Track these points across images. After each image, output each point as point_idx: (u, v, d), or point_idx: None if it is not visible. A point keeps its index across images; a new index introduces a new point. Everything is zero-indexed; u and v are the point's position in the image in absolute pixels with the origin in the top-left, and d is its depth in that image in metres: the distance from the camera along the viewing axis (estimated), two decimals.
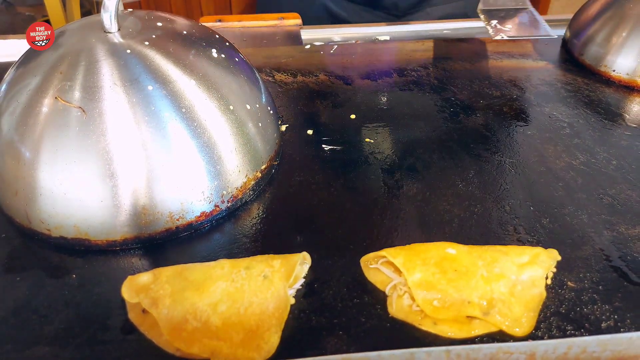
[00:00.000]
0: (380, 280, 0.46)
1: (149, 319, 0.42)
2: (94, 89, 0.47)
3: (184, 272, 0.44)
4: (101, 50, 0.49)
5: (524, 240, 0.50)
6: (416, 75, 0.79)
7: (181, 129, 0.49)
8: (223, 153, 0.51)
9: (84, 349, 0.41)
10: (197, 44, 0.54)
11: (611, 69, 0.77)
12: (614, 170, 0.59)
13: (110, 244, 0.49)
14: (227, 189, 0.52)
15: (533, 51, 0.87)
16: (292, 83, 0.78)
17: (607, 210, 0.54)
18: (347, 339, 0.42)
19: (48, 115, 0.47)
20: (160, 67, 0.49)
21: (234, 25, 0.96)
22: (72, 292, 0.46)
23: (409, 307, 0.43)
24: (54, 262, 0.49)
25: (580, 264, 0.48)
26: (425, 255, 0.45)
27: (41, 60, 0.50)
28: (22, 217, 0.50)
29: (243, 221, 0.53)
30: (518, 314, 0.43)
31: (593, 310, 0.44)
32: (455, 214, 0.53)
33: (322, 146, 0.64)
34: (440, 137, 0.65)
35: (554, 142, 0.64)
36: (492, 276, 0.44)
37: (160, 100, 0.48)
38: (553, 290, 0.45)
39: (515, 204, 0.55)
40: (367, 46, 0.90)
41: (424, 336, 0.42)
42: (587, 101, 0.72)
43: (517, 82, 0.77)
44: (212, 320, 0.41)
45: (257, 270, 0.44)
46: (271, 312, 0.42)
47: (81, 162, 0.47)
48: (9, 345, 0.42)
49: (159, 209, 0.49)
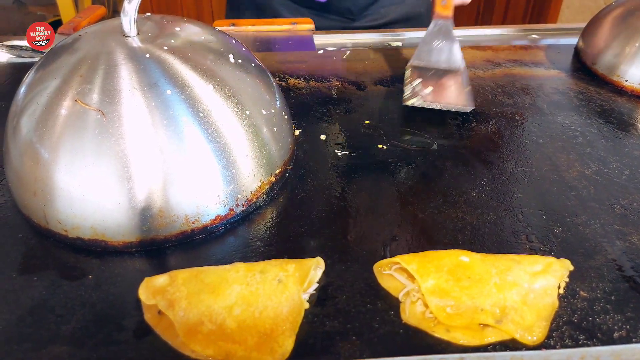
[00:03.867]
0: (393, 286, 0.46)
1: (165, 320, 0.43)
2: (113, 93, 0.48)
3: (200, 274, 0.45)
4: (120, 54, 0.50)
5: (537, 249, 0.51)
6: None
7: (198, 133, 0.49)
8: (238, 157, 0.52)
9: (100, 348, 0.42)
10: (215, 49, 0.55)
11: (624, 78, 0.77)
12: (626, 180, 0.59)
13: (126, 245, 0.50)
14: (242, 193, 0.53)
15: (545, 59, 0.87)
16: (305, 88, 0.78)
17: (619, 220, 0.54)
18: (360, 345, 0.42)
19: (67, 118, 0.48)
20: (179, 71, 0.50)
21: (248, 30, 0.97)
22: (88, 292, 0.46)
23: (422, 314, 0.44)
24: (71, 262, 0.49)
25: (593, 274, 0.48)
26: (438, 262, 0.46)
27: (61, 62, 0.51)
28: (40, 218, 0.51)
29: (257, 225, 0.53)
30: (530, 322, 0.43)
31: (605, 320, 0.44)
32: (468, 221, 0.54)
33: (335, 151, 0.64)
34: (453, 145, 0.66)
35: (567, 151, 0.64)
36: (505, 284, 0.44)
37: (178, 104, 0.49)
38: (565, 300, 0.45)
39: (528, 212, 0.55)
40: (379, 52, 0.90)
41: (437, 343, 0.42)
42: (599, 110, 0.73)
43: (529, 90, 0.77)
44: (227, 323, 0.41)
45: (272, 274, 0.45)
46: (285, 316, 0.42)
47: (99, 164, 0.47)
48: (27, 343, 0.42)
49: (175, 212, 0.49)
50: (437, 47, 0.76)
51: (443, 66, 0.75)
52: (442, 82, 0.72)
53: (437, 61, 0.75)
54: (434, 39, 0.77)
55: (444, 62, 0.75)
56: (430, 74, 0.73)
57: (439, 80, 0.73)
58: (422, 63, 0.75)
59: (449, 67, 0.75)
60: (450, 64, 0.75)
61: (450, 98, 0.70)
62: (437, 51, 0.76)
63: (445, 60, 0.75)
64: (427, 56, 0.76)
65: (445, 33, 0.77)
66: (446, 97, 0.70)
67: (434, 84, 0.72)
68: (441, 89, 0.71)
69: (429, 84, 0.72)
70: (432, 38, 0.77)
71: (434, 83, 0.72)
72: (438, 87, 0.72)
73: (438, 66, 0.75)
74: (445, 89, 0.72)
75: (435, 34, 0.77)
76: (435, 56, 0.76)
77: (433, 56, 0.76)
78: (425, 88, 0.70)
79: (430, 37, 0.77)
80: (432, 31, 0.77)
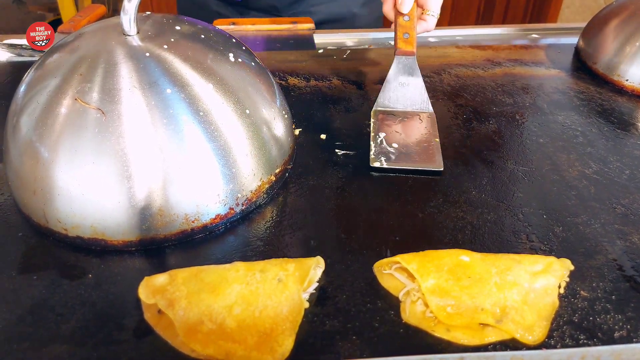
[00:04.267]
0: (393, 285, 0.46)
1: (165, 319, 0.43)
2: (113, 91, 0.48)
3: (200, 274, 0.45)
4: (120, 52, 0.50)
5: (537, 248, 0.50)
6: (429, 81, 0.80)
7: (198, 132, 0.49)
8: (238, 156, 0.52)
9: (100, 348, 0.42)
10: (215, 48, 0.54)
11: (624, 78, 0.77)
12: (627, 180, 0.59)
13: (126, 244, 0.49)
14: (242, 192, 0.53)
15: (546, 59, 0.87)
16: (305, 87, 0.78)
17: (620, 219, 0.54)
18: (360, 344, 0.42)
19: (67, 116, 0.48)
20: (179, 70, 0.50)
21: (248, 29, 0.96)
22: (88, 291, 0.46)
23: (423, 313, 0.44)
24: (71, 261, 0.49)
25: (593, 274, 0.48)
26: (439, 261, 0.46)
27: (61, 61, 0.51)
28: (40, 217, 0.50)
29: (257, 224, 0.53)
30: (531, 322, 0.43)
31: (606, 320, 0.44)
32: (468, 221, 0.54)
33: (335, 151, 0.64)
34: (453, 144, 0.66)
35: (567, 151, 0.64)
36: (506, 284, 0.44)
37: (178, 103, 0.49)
38: (566, 299, 0.45)
39: (528, 212, 0.55)
40: (380, 51, 0.90)
41: (437, 342, 0.42)
42: (600, 110, 0.73)
43: (529, 90, 0.77)
44: (227, 323, 0.41)
45: (272, 273, 0.45)
46: (285, 316, 0.42)
47: (99, 163, 0.47)
48: (27, 343, 0.42)
49: (174, 211, 0.49)
50: (402, 89, 0.71)
51: (410, 109, 0.70)
52: (409, 132, 0.67)
53: (403, 104, 0.71)
54: (398, 78, 0.71)
55: (411, 105, 0.71)
56: (397, 122, 0.68)
57: (406, 131, 0.67)
58: (388, 107, 0.71)
59: (415, 110, 0.70)
60: (417, 107, 0.71)
61: (418, 157, 0.63)
62: (402, 92, 0.71)
63: (411, 103, 0.71)
64: (393, 99, 0.71)
65: (410, 71, 0.71)
66: (413, 156, 0.63)
67: (399, 137, 0.66)
68: (408, 145, 0.65)
69: (394, 137, 0.65)
70: (396, 77, 0.71)
71: (399, 135, 0.66)
72: (406, 141, 0.65)
73: (405, 109, 0.70)
74: (413, 143, 0.65)
75: (399, 72, 0.71)
76: (402, 99, 0.71)
77: (399, 99, 0.71)
78: (390, 144, 0.64)
79: (395, 76, 0.71)
80: (396, 69, 0.71)
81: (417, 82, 0.71)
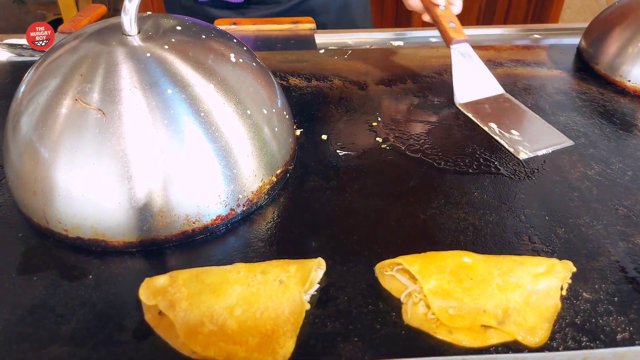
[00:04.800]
0: (395, 287, 0.46)
1: (165, 321, 0.43)
2: (114, 92, 0.48)
3: (201, 275, 0.45)
4: (121, 53, 0.50)
5: (539, 250, 0.50)
6: (430, 81, 0.79)
7: (199, 133, 0.49)
8: (239, 157, 0.52)
9: (100, 349, 0.42)
10: (216, 48, 0.54)
11: (626, 78, 0.77)
12: (629, 181, 0.59)
13: (127, 245, 0.49)
14: (243, 193, 0.52)
15: (547, 59, 0.87)
16: (307, 87, 0.78)
17: (622, 221, 0.53)
18: (362, 346, 0.42)
19: (67, 117, 0.48)
20: (180, 71, 0.50)
21: (249, 29, 0.96)
22: (88, 292, 0.46)
23: (424, 315, 0.43)
24: (71, 262, 0.49)
25: (596, 275, 0.48)
26: (441, 263, 0.45)
27: (61, 61, 0.51)
28: (40, 217, 0.50)
29: (258, 225, 0.53)
30: (533, 324, 0.42)
31: (608, 322, 0.43)
32: (470, 222, 0.53)
33: (336, 151, 0.64)
34: (455, 145, 0.65)
35: (569, 152, 0.64)
36: (508, 285, 0.44)
37: (179, 104, 0.49)
38: (568, 301, 0.45)
39: (530, 213, 0.54)
40: (381, 52, 0.90)
41: (439, 344, 0.42)
42: (602, 111, 0.72)
43: (531, 91, 0.77)
44: (228, 324, 0.41)
45: (273, 274, 0.45)
46: (287, 317, 0.42)
47: (100, 164, 0.47)
48: (26, 343, 0.42)
49: (175, 212, 0.49)
50: (470, 76, 0.75)
51: (486, 94, 0.74)
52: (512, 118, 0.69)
53: (479, 91, 0.74)
54: (463, 66, 0.75)
55: (484, 89, 0.74)
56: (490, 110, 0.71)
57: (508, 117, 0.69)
58: (469, 98, 0.73)
59: (492, 93, 0.74)
60: (490, 89, 0.74)
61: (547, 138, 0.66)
62: (473, 80, 0.74)
63: (484, 87, 0.74)
64: (468, 88, 0.74)
65: (469, 57, 0.75)
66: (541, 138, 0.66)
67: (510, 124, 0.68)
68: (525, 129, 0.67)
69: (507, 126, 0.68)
70: (461, 66, 0.74)
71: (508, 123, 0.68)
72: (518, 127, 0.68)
73: (484, 95, 0.74)
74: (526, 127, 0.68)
75: (461, 61, 0.75)
76: (475, 85, 0.74)
77: (473, 86, 0.74)
78: (510, 132, 0.66)
79: (459, 66, 0.74)
80: (457, 59, 0.75)
81: (480, 66, 0.75)
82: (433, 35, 0.96)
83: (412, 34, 0.96)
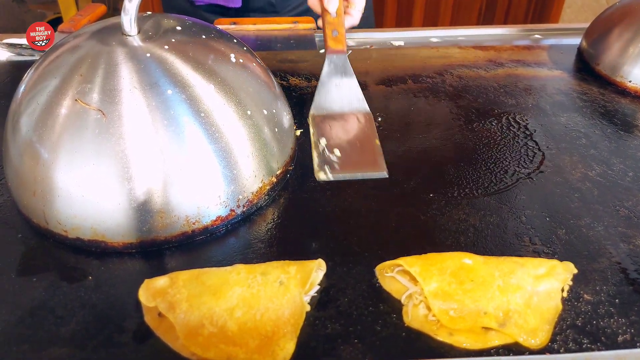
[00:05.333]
0: (395, 289, 0.46)
1: (165, 322, 0.42)
2: (114, 92, 0.48)
3: (201, 276, 0.44)
4: (121, 53, 0.50)
5: (540, 251, 0.50)
6: (431, 82, 0.79)
7: (199, 134, 0.49)
8: (239, 158, 0.52)
9: (100, 350, 0.42)
10: (216, 49, 0.54)
11: (627, 79, 0.76)
12: (630, 182, 0.59)
13: (126, 246, 0.49)
14: (243, 194, 0.52)
15: (548, 60, 0.86)
16: (307, 87, 0.78)
17: (623, 222, 0.53)
18: (362, 348, 0.42)
19: (67, 117, 0.48)
20: (180, 71, 0.50)
21: (249, 29, 0.96)
22: (88, 293, 0.46)
23: (425, 317, 0.43)
24: (71, 263, 0.49)
25: (597, 277, 0.47)
26: (441, 264, 0.45)
27: (61, 61, 0.51)
28: (40, 218, 0.50)
29: (258, 226, 0.53)
30: (534, 326, 0.42)
31: (609, 324, 0.43)
32: (471, 223, 0.53)
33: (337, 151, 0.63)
34: (455, 145, 0.65)
35: (570, 153, 0.64)
36: (509, 287, 0.44)
37: (179, 104, 0.48)
38: (569, 303, 0.45)
39: (531, 214, 0.54)
40: (381, 52, 0.90)
41: (440, 346, 0.42)
42: (603, 111, 0.72)
43: (532, 91, 0.77)
44: (228, 326, 0.41)
45: (273, 276, 0.44)
46: (287, 319, 0.42)
47: (99, 165, 0.47)
48: (26, 345, 0.42)
49: (175, 213, 0.49)
50: (336, 89, 0.69)
51: (347, 109, 0.68)
52: (349, 136, 0.65)
53: (340, 105, 0.68)
54: (332, 78, 0.70)
55: (347, 104, 0.69)
56: (336, 125, 0.66)
57: (346, 134, 0.65)
58: (324, 110, 0.68)
59: (352, 110, 0.68)
60: (354, 106, 0.69)
61: (362, 163, 0.61)
62: (337, 93, 0.69)
63: (347, 103, 0.69)
64: (329, 101, 0.69)
65: (343, 70, 0.70)
66: (357, 163, 0.61)
67: (340, 142, 0.63)
68: (350, 150, 0.62)
69: (336, 142, 0.63)
70: (330, 78, 0.70)
71: (340, 139, 0.63)
72: (346, 146, 0.63)
73: (342, 111, 0.68)
74: (354, 147, 0.63)
75: (332, 72, 0.70)
76: (337, 99, 0.69)
77: (335, 100, 0.69)
78: (333, 151, 0.61)
79: (328, 76, 0.70)
80: (329, 69, 0.70)
81: (350, 82, 0.69)
82: (433, 35, 0.96)
83: (412, 34, 0.96)
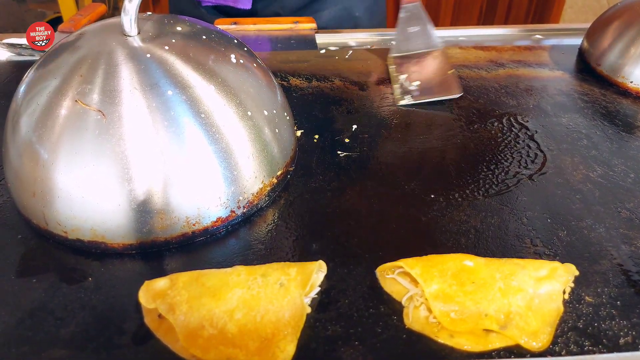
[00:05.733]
0: (396, 290, 0.46)
1: (165, 324, 0.42)
2: (114, 93, 0.47)
3: (201, 278, 0.44)
4: (121, 53, 0.50)
5: (541, 253, 0.50)
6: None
7: (199, 135, 0.49)
8: (240, 159, 0.51)
9: (100, 352, 0.41)
10: (217, 49, 0.54)
11: (629, 80, 0.76)
12: (631, 184, 0.59)
13: (126, 247, 0.49)
14: (244, 195, 0.52)
15: (549, 60, 0.86)
16: (307, 88, 0.78)
17: (625, 224, 0.53)
18: (362, 350, 0.41)
19: (67, 118, 0.47)
20: (180, 72, 0.50)
21: (249, 29, 0.96)
22: (88, 295, 0.46)
23: (426, 319, 0.43)
24: (70, 264, 0.49)
25: (598, 279, 0.47)
26: (442, 266, 0.45)
27: (61, 62, 0.51)
28: (39, 219, 0.50)
29: (258, 227, 0.53)
30: (535, 328, 0.42)
31: (611, 326, 0.43)
32: (472, 225, 0.53)
33: (337, 152, 0.63)
34: (456, 146, 0.65)
35: (571, 154, 0.63)
36: (510, 289, 0.44)
37: (180, 105, 0.48)
38: (571, 305, 0.45)
39: (532, 215, 0.54)
40: (382, 52, 0.89)
41: (441, 349, 0.42)
42: (604, 112, 0.72)
43: (533, 92, 0.77)
44: (228, 328, 0.41)
45: (274, 277, 0.44)
46: (287, 321, 0.42)
47: (99, 165, 0.47)
48: (26, 347, 0.42)
49: (175, 214, 0.49)
50: (412, 33, 0.79)
51: (422, 49, 0.78)
52: (426, 70, 0.75)
53: (415, 46, 0.78)
54: (408, 25, 0.79)
55: (422, 45, 0.78)
56: (413, 62, 0.76)
57: (423, 69, 0.75)
58: (402, 52, 0.78)
59: (427, 49, 0.78)
60: (428, 46, 0.78)
61: (439, 88, 0.72)
62: (413, 36, 0.79)
63: (422, 43, 0.78)
64: (405, 44, 0.78)
65: (417, 17, 0.79)
66: (434, 88, 0.72)
67: (419, 75, 0.74)
68: (428, 80, 0.73)
69: (415, 76, 0.74)
70: (406, 25, 0.79)
71: (418, 73, 0.74)
72: (424, 77, 0.74)
73: (417, 50, 0.78)
74: (431, 78, 0.74)
75: (407, 20, 0.79)
76: (413, 42, 0.78)
77: (410, 42, 0.78)
78: (412, 83, 0.72)
79: (404, 24, 0.79)
80: (404, 18, 0.79)
81: (425, 25, 0.79)
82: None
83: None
